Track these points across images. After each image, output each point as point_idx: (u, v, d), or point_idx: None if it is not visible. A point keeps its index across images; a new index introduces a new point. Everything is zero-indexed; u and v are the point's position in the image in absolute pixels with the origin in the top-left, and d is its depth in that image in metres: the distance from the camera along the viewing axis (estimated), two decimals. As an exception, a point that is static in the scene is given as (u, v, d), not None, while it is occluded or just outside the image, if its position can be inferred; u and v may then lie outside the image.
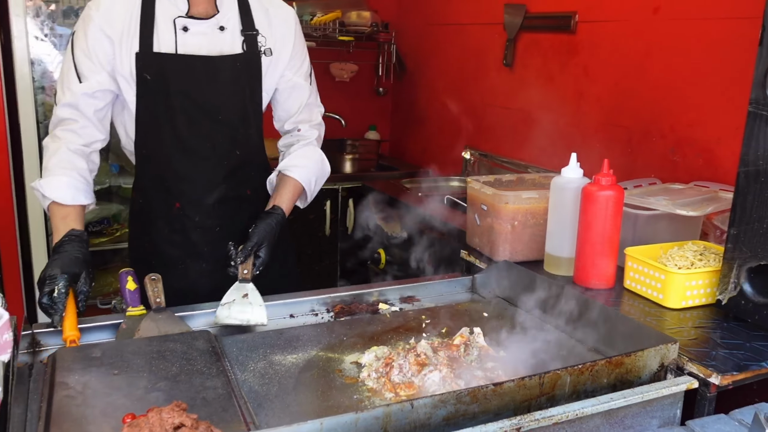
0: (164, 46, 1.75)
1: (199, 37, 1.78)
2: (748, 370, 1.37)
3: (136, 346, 1.44)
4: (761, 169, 1.50)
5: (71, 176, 1.71)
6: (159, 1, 1.76)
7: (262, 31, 1.85)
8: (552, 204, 1.88)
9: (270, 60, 1.87)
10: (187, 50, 1.77)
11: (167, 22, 1.75)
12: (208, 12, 1.79)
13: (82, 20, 1.75)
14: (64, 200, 1.69)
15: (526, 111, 3.10)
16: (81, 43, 1.73)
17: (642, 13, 2.44)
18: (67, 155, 1.72)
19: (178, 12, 1.76)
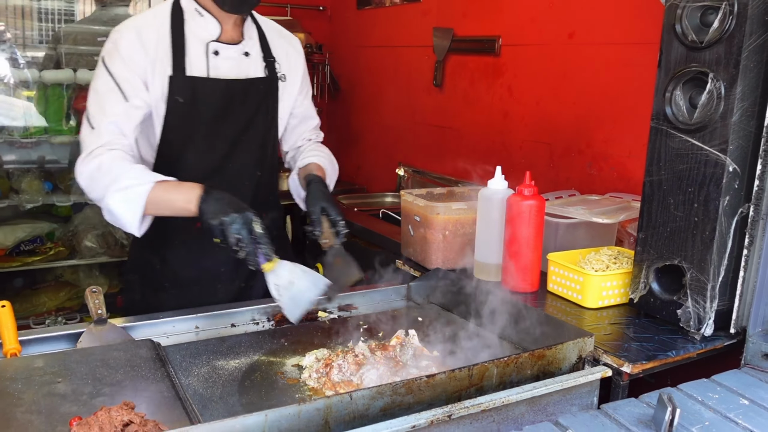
0: (196, 70, 1.81)
1: (228, 61, 1.85)
2: (656, 359, 1.51)
3: (78, 356, 1.46)
4: (663, 179, 1.66)
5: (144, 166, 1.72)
6: (189, 25, 1.81)
7: (278, 58, 1.96)
8: (480, 214, 2.01)
9: (284, 85, 1.98)
10: (219, 74, 1.84)
11: (199, 46, 1.81)
12: (235, 38, 1.88)
13: (117, 43, 1.75)
14: (167, 178, 1.67)
15: (456, 129, 3.25)
16: (118, 64, 1.74)
17: (558, 38, 2.62)
18: (128, 158, 1.71)
19: (210, 36, 1.83)
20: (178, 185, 1.67)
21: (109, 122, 1.71)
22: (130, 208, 1.64)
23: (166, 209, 1.68)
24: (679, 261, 1.64)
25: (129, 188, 1.63)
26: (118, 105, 1.73)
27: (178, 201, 1.63)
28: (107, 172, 1.66)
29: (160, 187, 1.65)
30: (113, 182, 1.64)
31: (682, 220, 1.63)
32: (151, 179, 1.65)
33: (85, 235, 3.34)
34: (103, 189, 1.65)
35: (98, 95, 1.75)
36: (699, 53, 1.57)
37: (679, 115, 1.62)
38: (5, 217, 3.40)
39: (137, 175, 1.66)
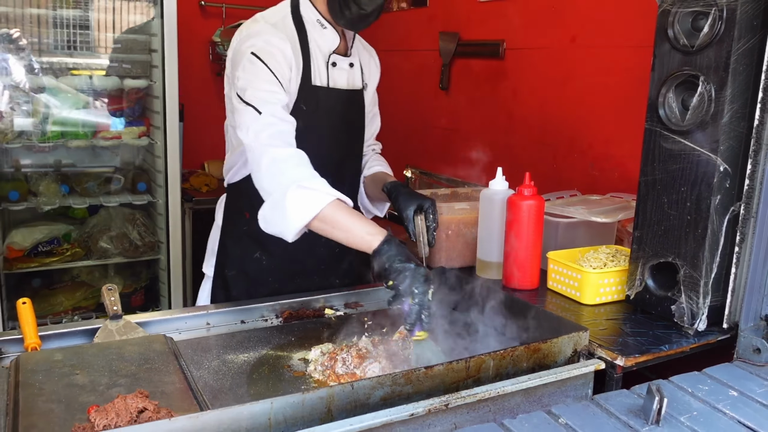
0: (319, 80, 1.90)
1: (342, 72, 1.95)
2: (649, 352, 1.57)
3: (95, 350, 1.53)
4: (657, 178, 1.72)
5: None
6: (312, 35, 1.88)
7: (363, 68, 2.06)
8: (481, 214, 2.06)
9: (366, 94, 2.08)
10: (336, 84, 1.94)
11: (321, 56, 1.90)
12: (344, 50, 1.97)
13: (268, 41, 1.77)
14: (347, 199, 1.66)
15: (462, 131, 3.31)
16: (278, 59, 1.76)
17: (561, 42, 2.68)
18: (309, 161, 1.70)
19: (331, 48, 1.91)
20: (361, 217, 1.66)
21: (276, 109, 1.71)
22: (302, 210, 1.61)
23: (336, 230, 1.63)
24: (672, 258, 1.69)
25: (313, 191, 1.61)
26: (280, 95, 1.75)
27: (360, 230, 1.61)
28: (296, 165, 1.66)
29: (341, 207, 1.63)
30: (302, 178, 1.63)
31: (676, 218, 1.68)
32: (336, 194, 1.63)
33: (100, 236, 3.43)
34: (278, 183, 1.64)
35: (260, 85, 1.73)
36: (690, 57, 1.62)
37: (672, 117, 1.67)
38: (23, 219, 3.50)
39: (324, 184, 1.64)
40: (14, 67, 3.26)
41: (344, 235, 1.63)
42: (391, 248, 1.57)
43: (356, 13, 1.79)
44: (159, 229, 3.53)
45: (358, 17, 1.80)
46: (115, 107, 3.50)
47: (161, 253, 3.51)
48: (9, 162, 3.49)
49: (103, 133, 3.46)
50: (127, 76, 3.40)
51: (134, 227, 3.47)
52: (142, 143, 3.48)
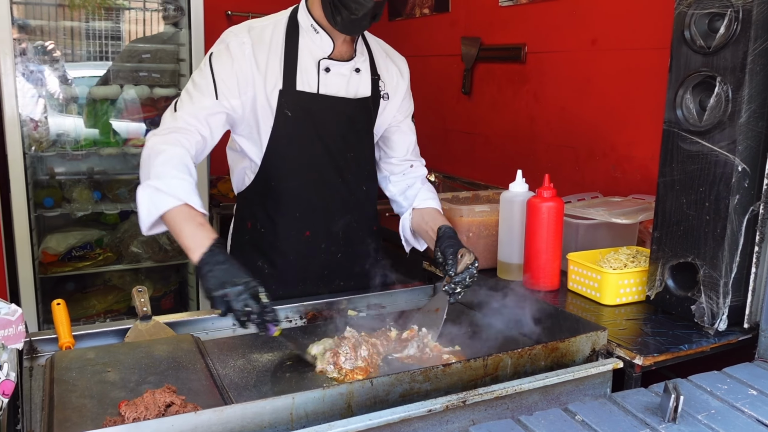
0: (307, 85, 1.85)
1: (339, 78, 1.89)
2: (669, 352, 1.58)
3: (126, 349, 1.59)
4: (676, 179, 1.73)
5: (192, 183, 1.63)
6: (303, 40, 1.86)
7: (382, 77, 2.00)
8: (502, 216, 2.09)
9: (386, 103, 2.01)
10: (328, 91, 1.88)
11: (311, 62, 1.86)
12: (346, 54, 1.91)
13: (230, 45, 1.79)
14: (197, 205, 1.59)
15: (484, 135, 3.33)
16: (225, 63, 1.78)
17: (582, 45, 2.69)
18: (185, 161, 1.65)
19: (323, 53, 1.87)
20: (195, 225, 1.56)
21: (191, 112, 1.75)
22: (147, 208, 1.59)
23: (173, 234, 1.61)
24: (692, 258, 1.70)
25: (161, 192, 1.58)
26: (206, 99, 1.76)
27: (185, 240, 1.55)
28: (161, 163, 1.62)
29: (182, 213, 1.57)
30: (156, 177, 1.60)
31: (695, 218, 1.69)
32: (183, 198, 1.58)
33: (131, 241, 3.53)
34: (144, 175, 1.64)
35: (193, 86, 1.79)
36: (707, 58, 1.63)
37: (690, 118, 1.68)
38: (58, 225, 3.61)
39: (177, 187, 1.59)
40: (49, 78, 3.38)
41: (176, 240, 1.60)
42: (210, 273, 1.47)
43: (347, 18, 1.76)
44: (188, 234, 3.60)
45: (350, 21, 1.78)
46: (145, 115, 3.59)
47: (190, 257, 3.58)
48: (44, 169, 3.61)
49: (134, 141, 3.56)
50: (157, 85, 3.49)
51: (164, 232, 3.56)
52: (171, 150, 3.57)
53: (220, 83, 1.77)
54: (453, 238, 1.83)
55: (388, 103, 2.03)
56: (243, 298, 1.44)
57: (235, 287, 1.45)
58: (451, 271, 1.75)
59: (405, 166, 2.11)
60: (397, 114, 2.06)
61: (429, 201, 2.04)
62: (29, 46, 3.30)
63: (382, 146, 2.11)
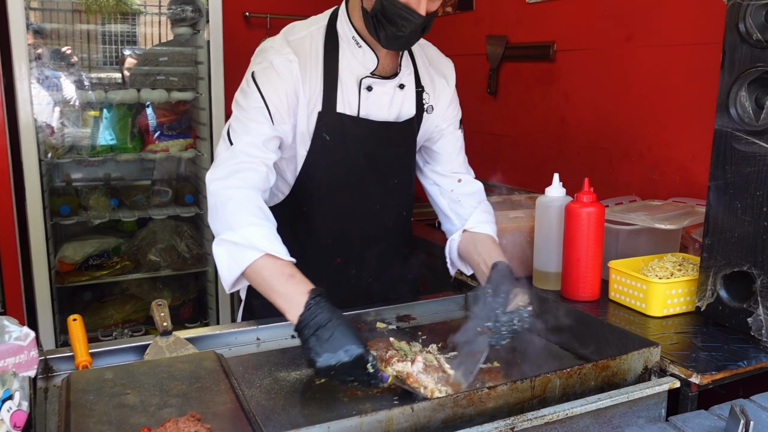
0: (347, 107, 1.68)
1: (381, 97, 1.71)
2: (726, 369, 1.46)
3: (146, 368, 1.50)
4: (729, 182, 1.61)
5: (271, 228, 1.49)
6: (344, 54, 1.67)
7: (426, 87, 1.80)
8: (538, 222, 1.98)
9: (428, 116, 1.83)
10: (369, 113, 1.70)
11: (352, 80, 1.67)
12: (390, 70, 1.72)
13: (274, 62, 1.61)
14: (280, 253, 1.45)
15: (511, 136, 3.22)
16: (275, 84, 1.60)
17: (616, 41, 2.57)
18: (258, 203, 1.52)
19: (365, 71, 1.68)
20: (284, 278, 1.43)
21: (250, 142, 1.56)
22: (229, 265, 1.48)
23: (262, 291, 1.48)
24: (748, 267, 1.58)
25: (239, 246, 1.45)
26: (263, 126, 1.58)
27: (276, 298, 1.43)
28: (232, 212, 1.49)
29: (267, 266, 1.44)
30: (229, 229, 1.47)
31: (751, 224, 1.57)
32: (265, 248, 1.44)
33: (149, 249, 3.45)
34: (219, 228, 1.51)
35: (244, 112, 1.60)
36: (765, 53, 1.51)
37: (745, 117, 1.56)
38: (75, 233, 3.55)
39: (255, 236, 1.45)
40: (65, 83, 3.32)
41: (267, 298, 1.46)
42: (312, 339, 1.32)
43: (393, 35, 1.56)
44: (206, 241, 3.53)
45: (395, 39, 1.57)
46: (162, 120, 3.53)
47: (209, 264, 3.51)
48: (60, 176, 3.55)
49: (151, 146, 3.49)
50: (174, 89, 3.41)
51: (182, 239, 3.48)
52: (189, 155, 3.49)
53: (272, 107, 1.60)
54: (509, 276, 1.60)
55: (431, 116, 1.84)
56: (349, 371, 1.31)
57: (341, 361, 1.30)
58: (499, 309, 1.51)
59: (453, 180, 1.91)
60: (441, 123, 1.87)
61: (484, 225, 1.82)
62: (45, 51, 3.24)
63: (425, 156, 1.93)
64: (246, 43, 4.05)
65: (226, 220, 1.49)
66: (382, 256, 1.89)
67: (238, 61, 3.65)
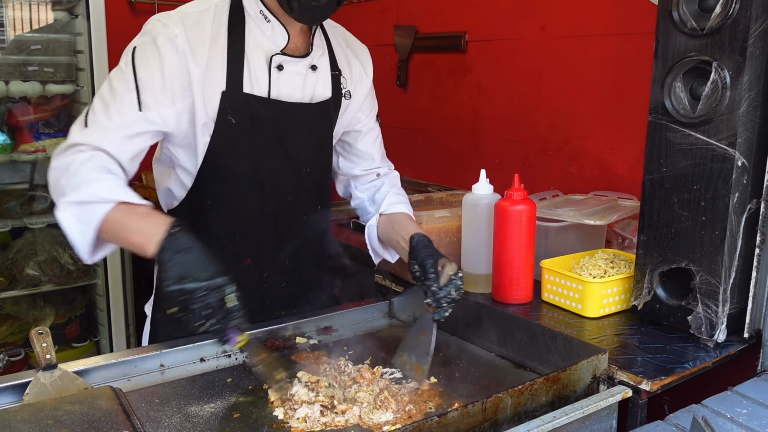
0: (256, 87, 1.51)
1: (293, 77, 1.56)
2: (674, 373, 1.40)
3: (26, 413, 1.25)
4: (665, 176, 1.55)
5: (119, 180, 1.37)
6: (250, 29, 1.51)
7: (343, 71, 1.67)
8: (465, 221, 1.87)
9: (347, 103, 1.69)
10: (280, 93, 1.55)
11: (260, 58, 1.51)
12: (302, 48, 1.57)
13: (157, 39, 1.42)
14: (132, 198, 1.33)
15: (423, 130, 3.11)
16: (153, 64, 1.41)
17: (530, 32, 2.51)
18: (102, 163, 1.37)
19: (275, 48, 1.52)
20: (142, 214, 1.33)
21: (108, 130, 1.40)
22: (80, 229, 1.34)
23: (120, 240, 1.37)
24: (686, 264, 1.53)
25: (85, 204, 1.32)
26: (128, 113, 1.41)
27: (134, 235, 1.31)
28: (73, 175, 1.34)
29: (122, 210, 1.33)
30: (72, 190, 1.32)
31: (688, 219, 1.52)
32: (114, 197, 1.32)
33: (26, 262, 3.06)
34: (59, 194, 1.35)
35: (111, 93, 1.42)
36: (700, 41, 1.46)
37: (680, 108, 1.51)
38: (-65, 246, 3.11)
39: (101, 188, 1.33)
40: None
41: (125, 246, 1.37)
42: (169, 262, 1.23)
43: (307, 4, 1.43)
44: (94, 250, 3.20)
45: (310, 8, 1.44)
46: (37, 116, 3.14)
47: (98, 277, 3.17)
48: None
49: (24, 146, 3.10)
50: (50, 81, 3.04)
51: (65, 250, 3.11)
52: (70, 155, 3.14)
53: (145, 91, 1.41)
54: (429, 246, 1.55)
55: (350, 103, 1.71)
56: (205, 296, 1.21)
57: (197, 282, 1.21)
58: (434, 285, 1.46)
59: (371, 175, 1.82)
60: (359, 113, 1.75)
61: (398, 205, 1.75)
62: None
63: (342, 152, 1.82)
64: (130, 30, 3.72)
65: (67, 184, 1.34)
66: (297, 256, 1.72)
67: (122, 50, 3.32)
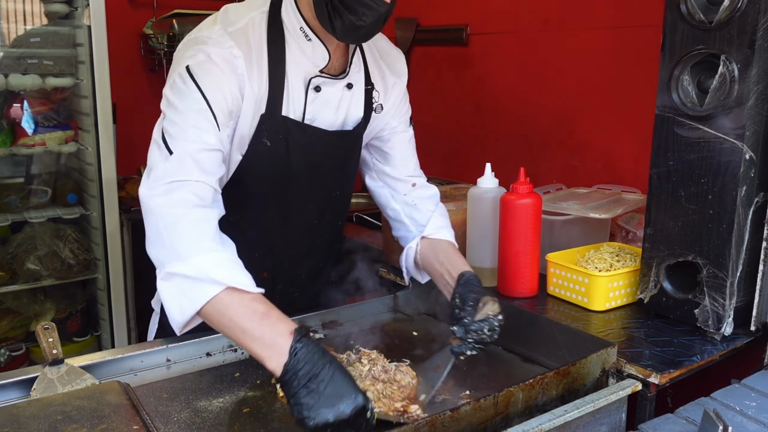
0: (292, 110, 1.44)
1: (330, 98, 1.48)
2: (682, 366, 1.40)
3: (34, 409, 1.24)
4: (672, 169, 1.55)
5: (231, 254, 1.27)
6: (291, 49, 1.42)
7: (376, 85, 1.58)
8: (470, 215, 1.86)
9: (378, 116, 1.61)
10: (315, 117, 1.47)
11: (299, 79, 1.43)
12: (339, 68, 1.49)
13: (211, 54, 1.33)
14: (246, 285, 1.21)
15: (424, 123, 3.09)
16: (218, 81, 1.33)
17: (532, 25, 2.50)
18: (214, 224, 1.28)
19: (314, 69, 1.44)
20: (257, 318, 1.17)
21: (194, 151, 1.29)
22: (181, 305, 1.23)
23: (228, 335, 1.23)
24: (693, 257, 1.53)
25: (192, 279, 1.21)
26: (207, 134, 1.30)
27: (251, 342, 1.16)
28: (180, 236, 1.24)
29: (232, 301, 1.20)
30: (178, 259, 1.22)
31: (696, 213, 1.52)
32: (226, 280, 1.20)
33: (26, 256, 3.04)
34: (164, 257, 1.26)
35: (181, 115, 1.30)
36: (708, 34, 1.46)
37: (688, 102, 1.51)
38: (-66, 240, 3.09)
39: (212, 266, 1.21)
40: None
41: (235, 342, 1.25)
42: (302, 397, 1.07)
43: (351, 25, 1.32)
44: (94, 245, 3.18)
45: (353, 29, 1.33)
46: (36, 110, 3.11)
47: (99, 271, 3.15)
48: None
49: (24, 140, 3.07)
50: (50, 74, 3.01)
51: (65, 244, 3.09)
52: (70, 149, 3.10)
53: (217, 109, 1.32)
54: (478, 286, 1.44)
55: (381, 114, 1.62)
56: (349, 425, 1.06)
57: (341, 415, 1.05)
58: (468, 318, 1.37)
59: (407, 184, 1.71)
60: (391, 120, 1.65)
61: (443, 231, 1.66)
62: None
63: (375, 155, 1.71)
64: (130, 24, 3.70)
65: (173, 247, 1.23)
66: (314, 270, 1.71)
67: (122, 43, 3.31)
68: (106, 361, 1.48)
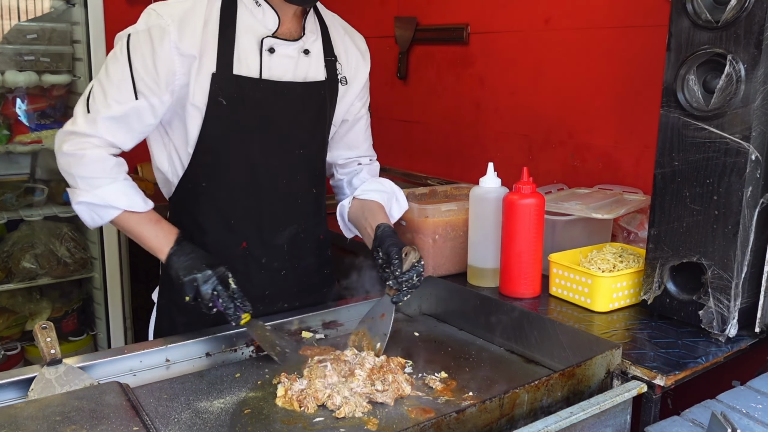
0: (246, 69, 1.53)
1: (285, 60, 1.57)
2: (687, 367, 1.39)
3: (33, 409, 1.22)
4: (677, 170, 1.54)
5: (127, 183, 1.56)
6: (242, 15, 1.53)
7: (340, 58, 1.68)
8: (472, 215, 1.85)
9: (345, 89, 1.71)
10: (272, 74, 1.56)
11: (251, 41, 1.54)
12: (294, 33, 1.59)
13: (151, 29, 1.47)
14: (139, 207, 1.55)
15: (423, 123, 3.09)
16: (146, 53, 1.47)
17: (533, 24, 2.49)
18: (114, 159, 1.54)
19: (266, 31, 1.55)
20: (151, 225, 1.56)
21: (107, 116, 1.49)
22: (93, 220, 1.56)
23: (132, 237, 1.59)
24: (698, 258, 1.52)
25: (98, 206, 1.52)
26: (125, 102, 1.48)
27: (148, 240, 1.55)
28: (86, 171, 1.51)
29: (131, 218, 1.55)
30: (86, 190, 1.51)
31: (700, 213, 1.51)
32: (124, 205, 1.53)
33: (22, 255, 3.02)
34: (72, 184, 1.53)
35: (108, 80, 1.49)
36: (714, 33, 1.45)
37: (694, 102, 1.50)
38: (-71, 238, 3.06)
39: (113, 196, 1.53)
40: None
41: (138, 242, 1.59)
42: (180, 261, 1.49)
43: None
44: (91, 244, 3.15)
45: None
46: (33, 107, 3.09)
47: (95, 270, 3.13)
48: None
49: (20, 138, 3.05)
50: (47, 71, 2.99)
51: (62, 243, 3.07)
52: (66, 147, 3.08)
53: (139, 80, 1.48)
54: (394, 236, 1.61)
55: (348, 89, 1.71)
56: (211, 282, 1.45)
57: (203, 272, 1.45)
58: (397, 270, 1.53)
59: (353, 165, 1.85)
60: (357, 102, 1.76)
61: (372, 193, 1.77)
62: None
63: (330, 141, 1.79)
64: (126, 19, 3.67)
65: (81, 179, 1.51)
66: (295, 242, 1.71)
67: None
68: (105, 362, 1.46)
